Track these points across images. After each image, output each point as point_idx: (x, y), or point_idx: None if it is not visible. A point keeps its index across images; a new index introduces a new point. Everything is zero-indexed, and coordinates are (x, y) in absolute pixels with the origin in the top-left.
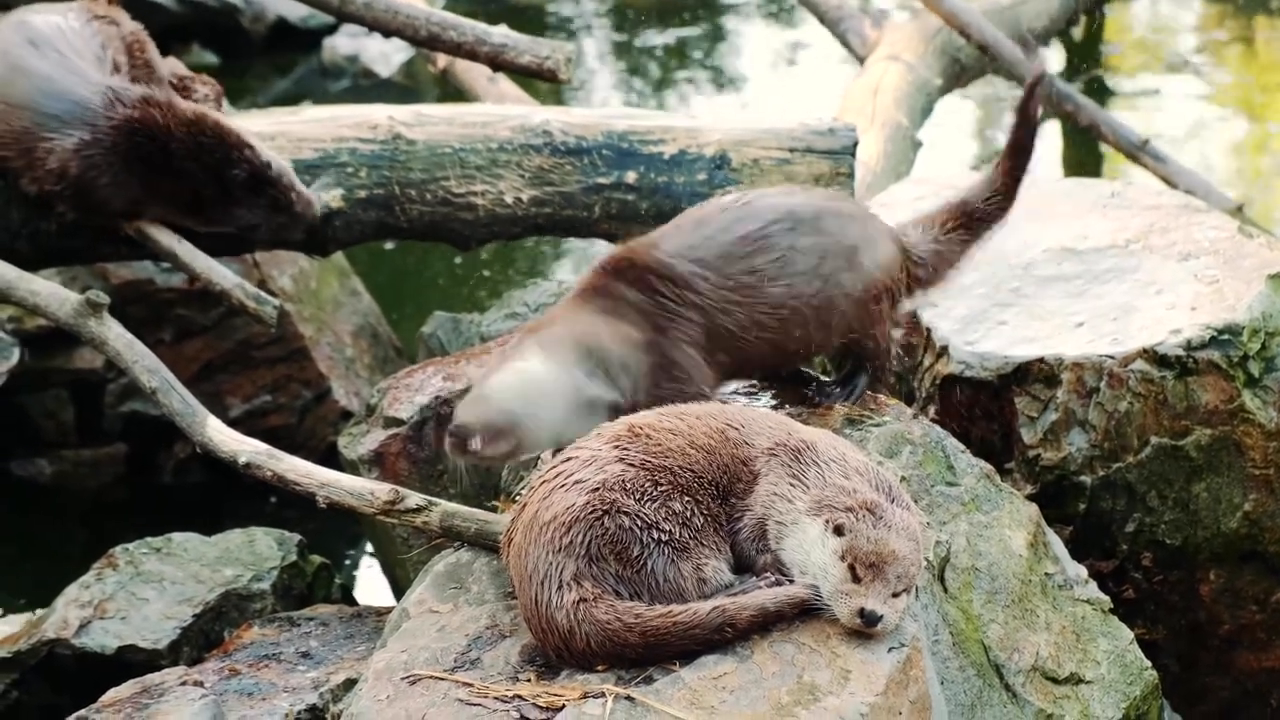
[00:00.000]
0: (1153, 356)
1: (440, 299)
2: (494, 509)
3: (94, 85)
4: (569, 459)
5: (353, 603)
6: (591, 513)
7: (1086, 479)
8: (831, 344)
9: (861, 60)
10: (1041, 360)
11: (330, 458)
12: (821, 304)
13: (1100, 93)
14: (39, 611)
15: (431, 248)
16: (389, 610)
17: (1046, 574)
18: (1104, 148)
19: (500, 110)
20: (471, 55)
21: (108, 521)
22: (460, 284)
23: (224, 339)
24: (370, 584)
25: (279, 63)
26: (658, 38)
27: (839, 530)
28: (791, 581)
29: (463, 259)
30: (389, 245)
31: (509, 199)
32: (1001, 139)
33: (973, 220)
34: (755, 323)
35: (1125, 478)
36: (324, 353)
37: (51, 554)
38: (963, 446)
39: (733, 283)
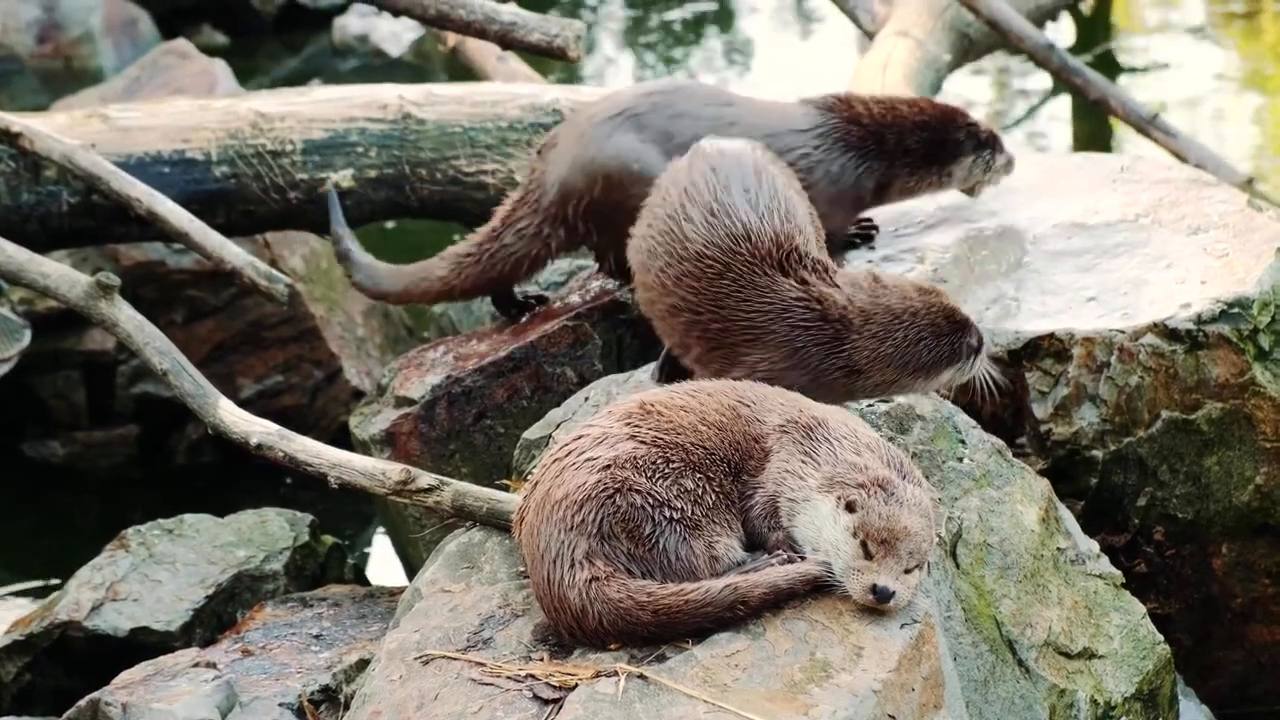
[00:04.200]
0: (1163, 330)
1: None
2: (505, 488)
3: None
4: (580, 437)
5: (365, 583)
6: (603, 491)
7: (1098, 453)
8: None
9: (870, 36)
10: (1052, 335)
11: (342, 438)
12: None
13: (1110, 66)
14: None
15: (442, 226)
16: (401, 590)
17: (1058, 549)
18: (1114, 122)
19: (510, 89)
20: (481, 33)
21: (120, 503)
22: None
23: (235, 320)
24: (382, 564)
25: (289, 42)
26: (668, 14)
27: (851, 507)
28: (803, 558)
29: None
30: (389, 224)
31: (519, 178)
32: (1010, 111)
33: None
34: None
35: (1136, 452)
36: (335, 332)
37: (63, 536)
38: (974, 422)
39: None
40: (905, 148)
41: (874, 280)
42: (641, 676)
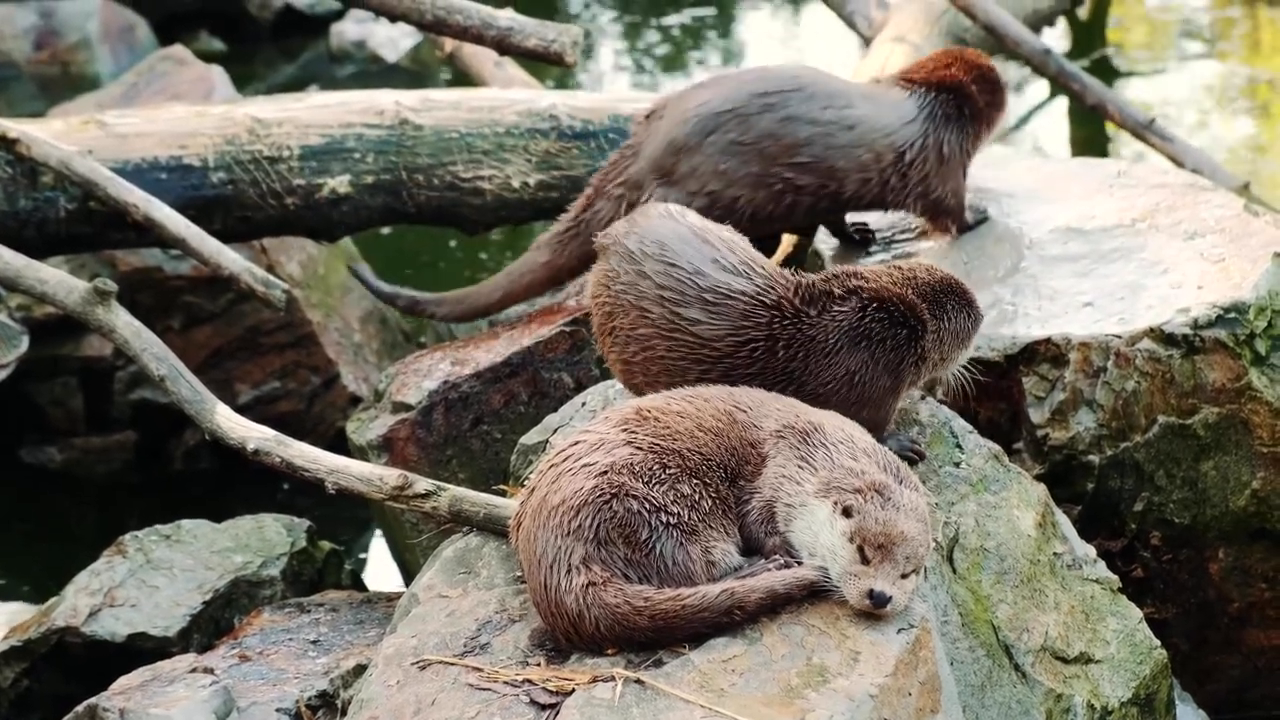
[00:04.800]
0: (1160, 335)
1: (448, 283)
2: (502, 493)
3: None
4: (577, 442)
5: (362, 588)
6: (600, 496)
7: (1094, 458)
8: None
9: (867, 42)
10: (1049, 340)
11: (339, 443)
12: None
13: (1107, 72)
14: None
15: (439, 232)
16: (398, 596)
17: (1055, 554)
18: (1110, 126)
19: (507, 95)
20: (478, 39)
21: (117, 509)
22: (467, 268)
23: (232, 325)
24: (380, 569)
25: (286, 49)
26: (666, 19)
27: (847, 512)
28: (800, 563)
29: (470, 243)
30: (385, 230)
31: (516, 183)
32: (1007, 115)
33: None
34: None
35: (1133, 457)
36: (332, 338)
37: (61, 541)
38: (970, 427)
39: None
40: (985, 103)
41: (895, 268)
42: (638, 681)
